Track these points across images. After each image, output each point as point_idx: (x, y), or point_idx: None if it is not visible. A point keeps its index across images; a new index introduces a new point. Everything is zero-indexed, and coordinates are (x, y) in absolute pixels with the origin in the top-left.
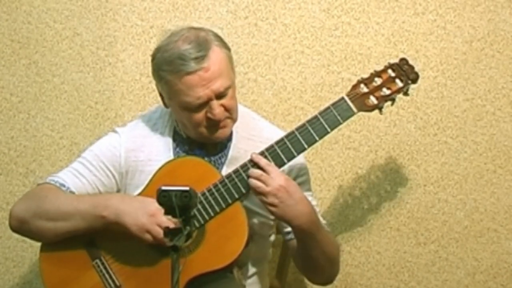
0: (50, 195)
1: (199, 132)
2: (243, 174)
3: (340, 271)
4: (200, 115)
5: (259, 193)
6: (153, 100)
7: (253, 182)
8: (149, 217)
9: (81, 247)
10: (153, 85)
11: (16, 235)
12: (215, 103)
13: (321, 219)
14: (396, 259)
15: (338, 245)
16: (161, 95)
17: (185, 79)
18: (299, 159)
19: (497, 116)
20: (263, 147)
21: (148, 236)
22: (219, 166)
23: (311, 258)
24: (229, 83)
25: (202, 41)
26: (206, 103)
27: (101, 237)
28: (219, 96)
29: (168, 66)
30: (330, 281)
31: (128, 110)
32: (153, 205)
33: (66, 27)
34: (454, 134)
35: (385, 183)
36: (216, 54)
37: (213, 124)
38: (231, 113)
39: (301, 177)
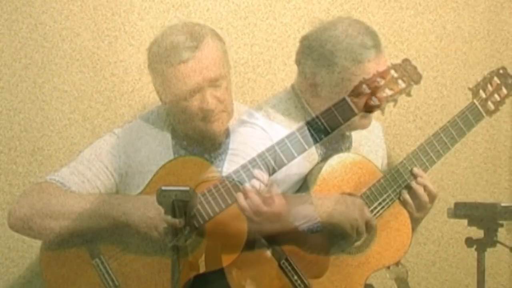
0: (54, 194)
1: (195, 126)
2: (243, 175)
3: None
4: (193, 105)
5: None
6: (153, 100)
7: (254, 198)
8: (156, 212)
9: (81, 246)
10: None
11: (16, 235)
12: (208, 92)
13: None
14: None
15: None
16: (157, 90)
17: (178, 68)
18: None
19: (497, 116)
20: None
21: (155, 233)
22: (219, 163)
23: None
24: (221, 73)
25: (196, 33)
26: (198, 91)
27: (102, 237)
28: (212, 85)
29: (161, 57)
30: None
31: (128, 110)
32: None
33: (66, 27)
34: None
35: None
36: (209, 45)
37: (207, 116)
38: (225, 105)
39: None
